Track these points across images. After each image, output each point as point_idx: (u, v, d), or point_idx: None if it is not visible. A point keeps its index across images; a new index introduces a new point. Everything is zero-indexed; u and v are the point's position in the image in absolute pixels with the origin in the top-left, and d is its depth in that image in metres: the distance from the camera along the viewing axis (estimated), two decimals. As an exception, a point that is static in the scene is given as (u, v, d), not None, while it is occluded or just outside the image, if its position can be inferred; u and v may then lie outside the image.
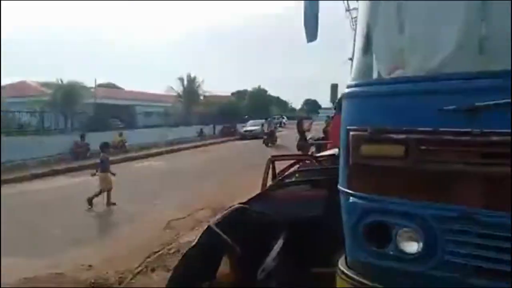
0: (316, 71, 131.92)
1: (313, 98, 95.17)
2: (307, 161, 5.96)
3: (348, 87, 2.48)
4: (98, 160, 9.60)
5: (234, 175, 12.29)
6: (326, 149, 8.25)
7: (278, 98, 72.73)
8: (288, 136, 28.25)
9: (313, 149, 11.73)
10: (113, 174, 9.25)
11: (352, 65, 2.58)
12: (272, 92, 66.65)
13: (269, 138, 23.05)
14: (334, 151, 6.75)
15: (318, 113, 67.33)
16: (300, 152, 14.14)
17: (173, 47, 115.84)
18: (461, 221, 1.91)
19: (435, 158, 1.97)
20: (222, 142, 28.39)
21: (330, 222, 3.64)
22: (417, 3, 2.29)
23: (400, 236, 2.09)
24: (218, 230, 3.21)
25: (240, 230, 3.36)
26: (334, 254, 3.37)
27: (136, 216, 7.97)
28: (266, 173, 5.83)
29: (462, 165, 1.91)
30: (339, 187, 2.46)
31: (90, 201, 8.70)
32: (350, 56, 2.96)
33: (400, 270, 2.08)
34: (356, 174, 2.28)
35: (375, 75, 2.40)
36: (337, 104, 15.01)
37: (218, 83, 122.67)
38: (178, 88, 41.04)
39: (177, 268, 3.09)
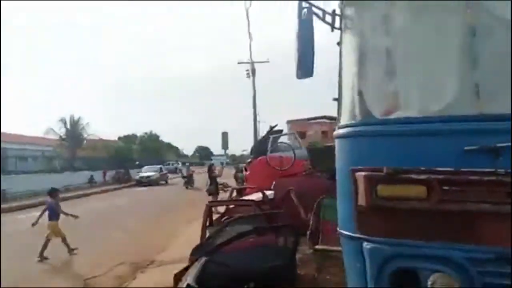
0: (207, 118, 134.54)
1: (204, 145, 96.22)
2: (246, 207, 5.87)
3: (343, 127, 2.42)
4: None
5: (143, 224, 11.40)
6: (245, 194, 8.23)
7: (169, 144, 71.40)
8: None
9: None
10: (75, 217, 8.34)
11: (340, 104, 2.53)
12: (163, 138, 65.29)
13: (189, 181, 25.44)
14: (257, 196, 6.81)
15: (211, 159, 67.88)
16: (211, 197, 13.90)
17: (50, 85, 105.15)
18: (498, 263, 1.89)
19: (459, 198, 1.95)
20: (116, 189, 26.27)
21: (287, 271, 3.63)
22: (414, 45, 2.32)
23: (433, 282, 1.97)
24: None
25: (213, 285, 3.16)
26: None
27: (44, 275, 6.74)
28: (205, 220, 5.56)
29: (490, 205, 1.92)
30: (342, 231, 2.35)
31: (41, 255, 7.70)
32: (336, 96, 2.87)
33: None
34: (371, 217, 2.14)
35: (376, 115, 2.36)
36: (252, 150, 15.47)
37: (103, 127, 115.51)
38: (60, 130, 37.78)
39: None
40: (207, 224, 5.64)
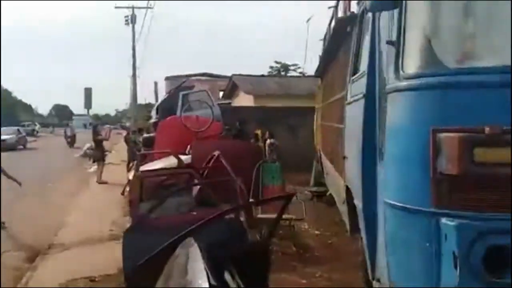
0: (67, 72, 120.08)
1: (62, 103, 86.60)
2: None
3: (410, 77, 2.01)
4: None
5: (23, 199, 9.74)
6: (153, 160, 7.37)
7: (21, 101, 61.80)
8: (50, 147, 25.29)
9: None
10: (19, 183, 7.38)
11: (401, 50, 2.11)
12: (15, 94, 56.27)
13: (72, 141, 26.30)
14: (170, 161, 6.31)
15: (72, 120, 62.34)
16: (95, 164, 12.38)
17: None
18: None
19: None
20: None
21: (266, 246, 3.59)
22: None
23: None
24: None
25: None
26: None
27: None
28: (137, 194, 5.08)
29: None
30: (396, 203, 2.02)
31: None
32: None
33: None
34: (460, 188, 1.83)
35: (454, 64, 1.98)
36: (158, 109, 14.11)
37: None
38: None
39: None
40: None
